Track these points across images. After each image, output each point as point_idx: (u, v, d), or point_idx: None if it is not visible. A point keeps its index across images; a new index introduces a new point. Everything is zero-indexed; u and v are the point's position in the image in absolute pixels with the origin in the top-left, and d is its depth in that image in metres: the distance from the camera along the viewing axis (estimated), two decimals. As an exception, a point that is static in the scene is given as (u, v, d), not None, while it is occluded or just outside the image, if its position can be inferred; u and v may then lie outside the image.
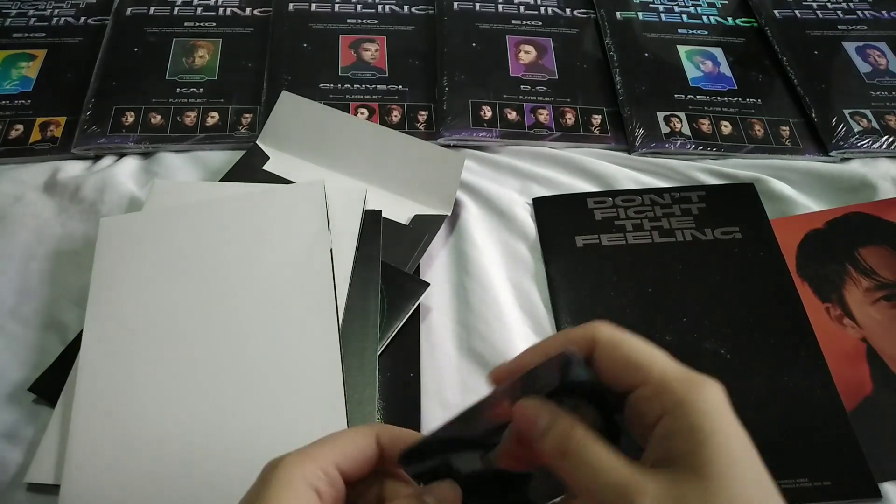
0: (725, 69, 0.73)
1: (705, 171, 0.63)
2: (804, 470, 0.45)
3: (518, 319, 0.54)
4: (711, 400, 0.25)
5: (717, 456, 0.23)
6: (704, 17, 0.79)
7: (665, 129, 0.67)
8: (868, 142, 0.66)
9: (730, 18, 0.79)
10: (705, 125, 0.67)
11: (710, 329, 0.52)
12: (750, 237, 0.57)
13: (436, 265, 0.57)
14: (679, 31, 0.77)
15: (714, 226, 0.58)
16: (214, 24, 0.74)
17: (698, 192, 0.60)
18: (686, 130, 0.67)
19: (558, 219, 0.59)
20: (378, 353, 0.48)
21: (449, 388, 0.50)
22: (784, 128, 0.68)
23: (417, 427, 0.47)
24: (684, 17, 0.79)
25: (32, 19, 0.74)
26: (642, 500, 0.22)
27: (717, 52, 0.75)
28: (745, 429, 0.25)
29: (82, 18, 0.75)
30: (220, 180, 0.60)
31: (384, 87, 0.69)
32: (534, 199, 0.61)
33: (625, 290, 0.55)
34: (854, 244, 0.58)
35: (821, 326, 0.53)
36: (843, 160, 0.65)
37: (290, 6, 0.76)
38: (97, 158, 0.64)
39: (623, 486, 0.23)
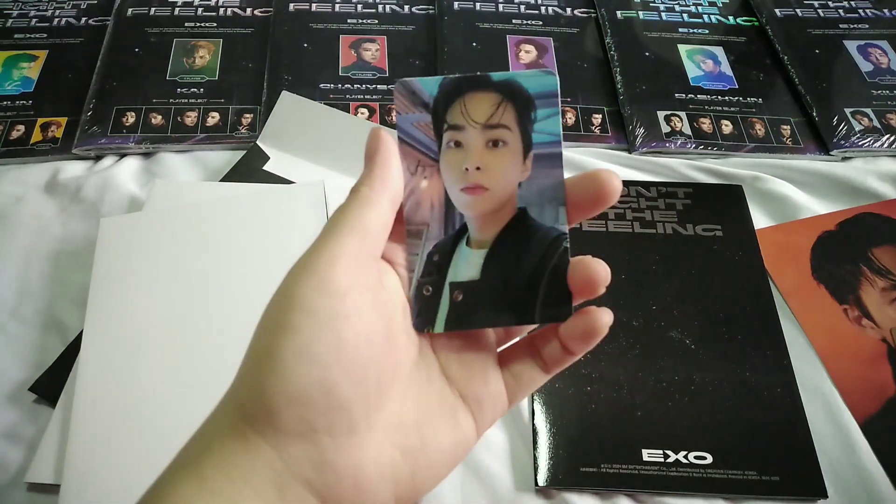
0: (726, 68, 0.73)
1: (705, 170, 0.63)
2: (754, 464, 0.46)
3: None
4: None
5: None
6: (705, 16, 0.79)
7: (665, 129, 0.66)
8: (869, 141, 0.65)
9: (731, 17, 0.79)
10: (706, 124, 0.67)
11: (678, 319, 0.53)
12: (730, 237, 0.58)
13: (436, 265, 0.57)
14: (680, 30, 0.77)
15: (696, 222, 0.58)
16: (215, 24, 0.75)
17: (685, 189, 0.61)
18: (687, 130, 0.67)
19: None
20: (378, 353, 0.48)
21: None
22: (785, 127, 0.67)
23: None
24: (685, 16, 0.78)
25: (34, 20, 0.75)
26: None
27: (718, 51, 0.74)
28: (701, 416, 0.27)
29: (83, 19, 0.75)
30: (220, 180, 0.60)
31: (384, 86, 0.69)
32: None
33: None
34: (867, 244, 0.58)
35: (840, 328, 0.53)
36: (845, 159, 0.65)
37: (291, 6, 0.76)
38: (98, 159, 0.64)
39: None
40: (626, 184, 0.61)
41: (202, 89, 0.68)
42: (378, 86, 0.69)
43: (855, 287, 0.55)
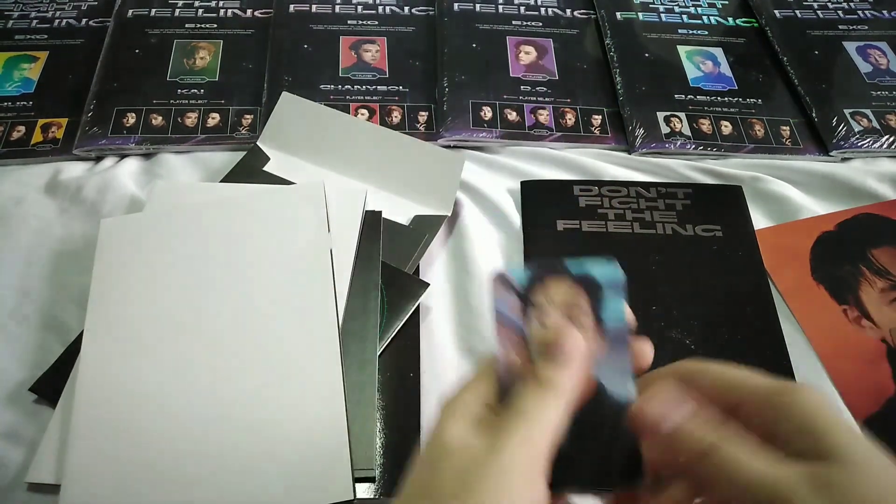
0: (726, 69, 0.73)
1: (705, 171, 0.63)
2: None
3: (518, 319, 0.54)
4: (815, 400, 0.26)
5: (849, 444, 0.25)
6: (705, 18, 0.79)
7: (665, 130, 0.66)
8: (869, 141, 0.66)
9: (730, 18, 0.79)
10: (705, 125, 0.67)
11: (678, 320, 0.53)
12: (730, 237, 0.58)
13: (436, 265, 0.57)
14: (679, 31, 0.77)
15: (696, 223, 0.59)
16: (215, 25, 0.75)
17: (685, 190, 0.61)
18: (686, 130, 0.67)
19: (542, 202, 0.60)
20: (378, 353, 0.49)
21: (449, 388, 0.50)
22: (784, 128, 0.67)
23: (417, 428, 0.47)
24: (684, 17, 0.79)
25: (34, 21, 0.75)
26: (795, 491, 0.23)
27: (718, 52, 0.75)
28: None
29: (84, 20, 0.75)
30: (220, 181, 0.60)
31: (384, 87, 0.69)
32: (522, 183, 0.62)
33: None
34: (866, 245, 0.58)
35: (839, 329, 0.53)
36: (844, 160, 0.65)
37: (291, 7, 0.76)
38: (98, 159, 0.64)
39: (771, 482, 0.24)
40: (626, 184, 0.61)
41: (202, 90, 0.68)
42: (378, 87, 0.69)
43: (854, 287, 0.55)
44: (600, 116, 0.68)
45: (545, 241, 0.57)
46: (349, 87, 0.69)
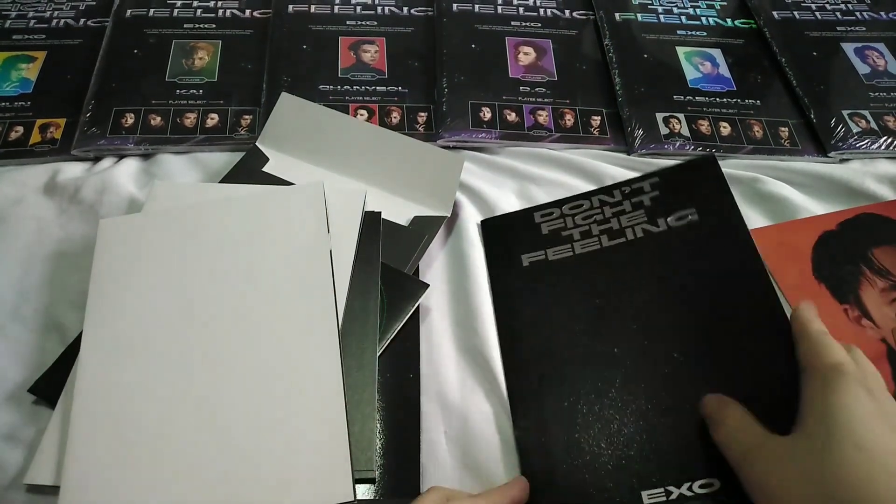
0: (724, 70, 0.73)
1: (704, 171, 0.64)
2: None
3: (518, 320, 0.54)
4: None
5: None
6: (703, 19, 0.79)
7: (664, 130, 0.67)
8: (867, 143, 0.66)
9: (728, 20, 0.79)
10: (704, 126, 0.67)
11: (662, 334, 0.47)
12: (708, 217, 0.51)
13: (435, 266, 0.57)
14: (678, 32, 0.77)
15: (667, 214, 0.53)
16: (214, 25, 0.75)
17: (651, 181, 0.55)
18: (685, 131, 0.67)
19: (504, 239, 0.57)
20: (378, 354, 0.49)
21: (449, 388, 0.50)
22: (783, 129, 0.68)
23: (417, 427, 0.47)
24: (683, 18, 0.79)
25: (32, 21, 0.75)
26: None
27: (716, 53, 0.75)
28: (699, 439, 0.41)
29: (82, 20, 0.75)
30: (219, 182, 0.60)
31: (384, 88, 0.69)
32: (481, 222, 0.59)
33: (573, 307, 0.51)
34: (867, 245, 0.58)
35: (840, 328, 0.53)
36: (842, 161, 0.66)
37: (290, 8, 0.76)
38: (97, 160, 0.64)
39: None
40: (588, 195, 0.57)
41: (201, 90, 0.68)
42: (377, 87, 0.69)
43: (855, 287, 0.55)
44: (599, 117, 0.68)
45: (511, 280, 0.54)
46: (348, 87, 0.69)
